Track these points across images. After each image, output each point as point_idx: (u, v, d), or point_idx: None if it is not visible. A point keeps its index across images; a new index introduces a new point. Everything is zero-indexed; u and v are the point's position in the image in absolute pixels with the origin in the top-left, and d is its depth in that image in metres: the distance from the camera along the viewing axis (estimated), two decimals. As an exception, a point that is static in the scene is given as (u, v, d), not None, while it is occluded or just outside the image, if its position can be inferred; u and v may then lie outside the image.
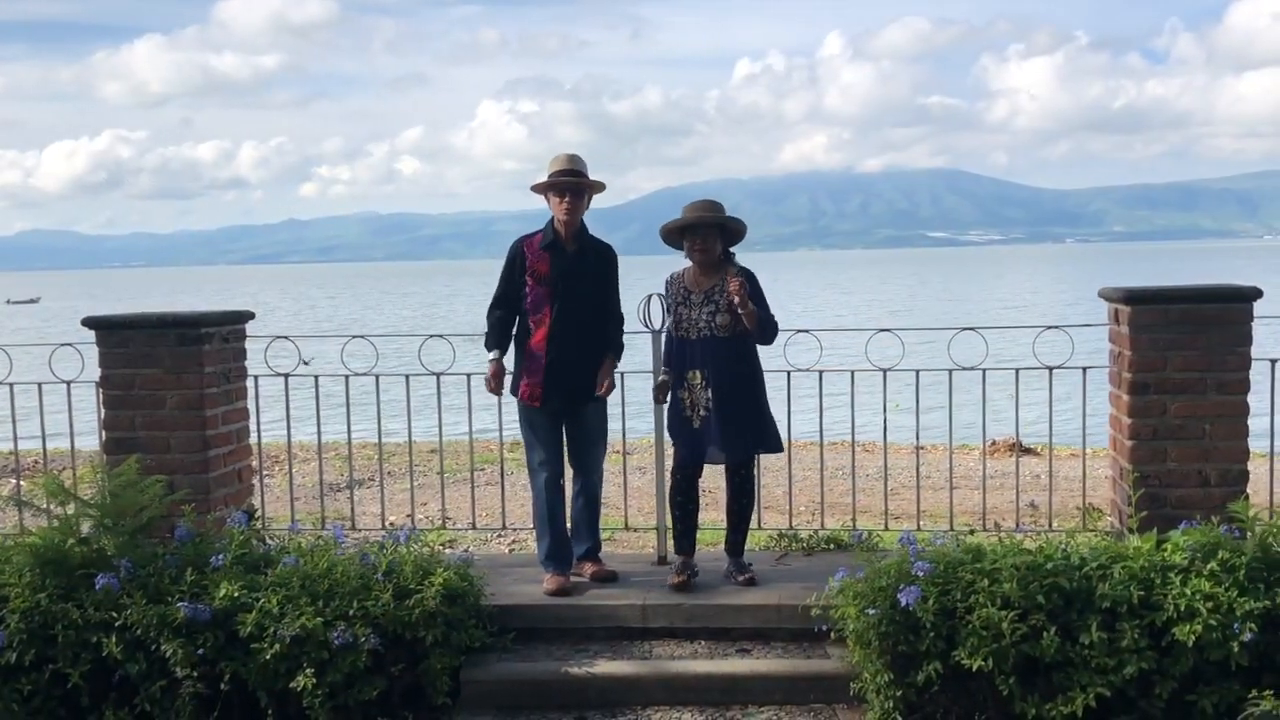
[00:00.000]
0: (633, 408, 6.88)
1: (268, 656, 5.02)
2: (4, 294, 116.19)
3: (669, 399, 6.11)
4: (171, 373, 6.13)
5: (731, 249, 6.11)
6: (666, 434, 6.26)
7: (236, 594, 5.14)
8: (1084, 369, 6.48)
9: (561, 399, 6.08)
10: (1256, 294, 5.77)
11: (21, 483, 7.12)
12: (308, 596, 5.16)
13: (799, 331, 6.63)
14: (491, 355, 6.19)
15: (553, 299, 6.03)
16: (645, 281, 6.29)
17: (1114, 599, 4.79)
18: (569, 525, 6.28)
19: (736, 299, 5.79)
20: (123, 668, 5.15)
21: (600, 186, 6.21)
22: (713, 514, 7.65)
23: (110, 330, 6.20)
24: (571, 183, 6.05)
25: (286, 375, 6.81)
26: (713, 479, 6.54)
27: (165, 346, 6.13)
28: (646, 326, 6.38)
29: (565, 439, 6.23)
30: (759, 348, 6.09)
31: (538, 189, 6.16)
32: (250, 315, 6.66)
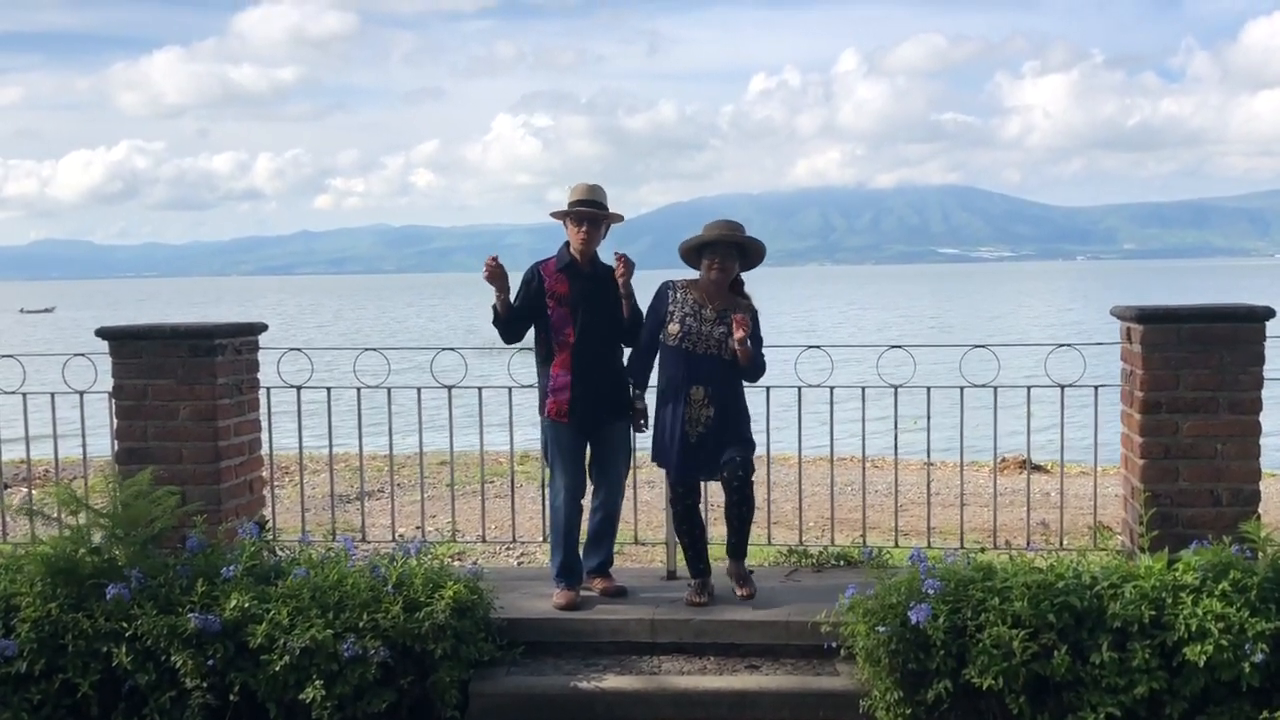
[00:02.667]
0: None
1: (277, 668, 5.03)
2: (18, 303, 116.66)
3: (654, 420, 6.10)
4: (184, 383, 6.15)
5: (742, 275, 6.09)
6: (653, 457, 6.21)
7: (247, 605, 5.15)
8: (1096, 387, 6.47)
9: (587, 415, 6.09)
10: (1269, 314, 5.76)
11: (33, 492, 7.14)
12: (318, 608, 5.17)
13: (809, 348, 6.63)
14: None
15: (574, 318, 6.06)
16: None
17: (1125, 618, 4.78)
18: (583, 539, 6.30)
19: (740, 333, 5.81)
20: (132, 678, 5.16)
21: (618, 218, 6.26)
22: (720, 528, 7.64)
23: (124, 341, 6.22)
24: (591, 213, 6.11)
25: (299, 387, 6.83)
26: (715, 494, 6.54)
27: (178, 357, 6.15)
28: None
29: (589, 454, 6.24)
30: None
31: (557, 216, 6.21)
32: (263, 327, 6.68)
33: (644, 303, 6.21)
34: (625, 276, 6.04)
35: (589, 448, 6.24)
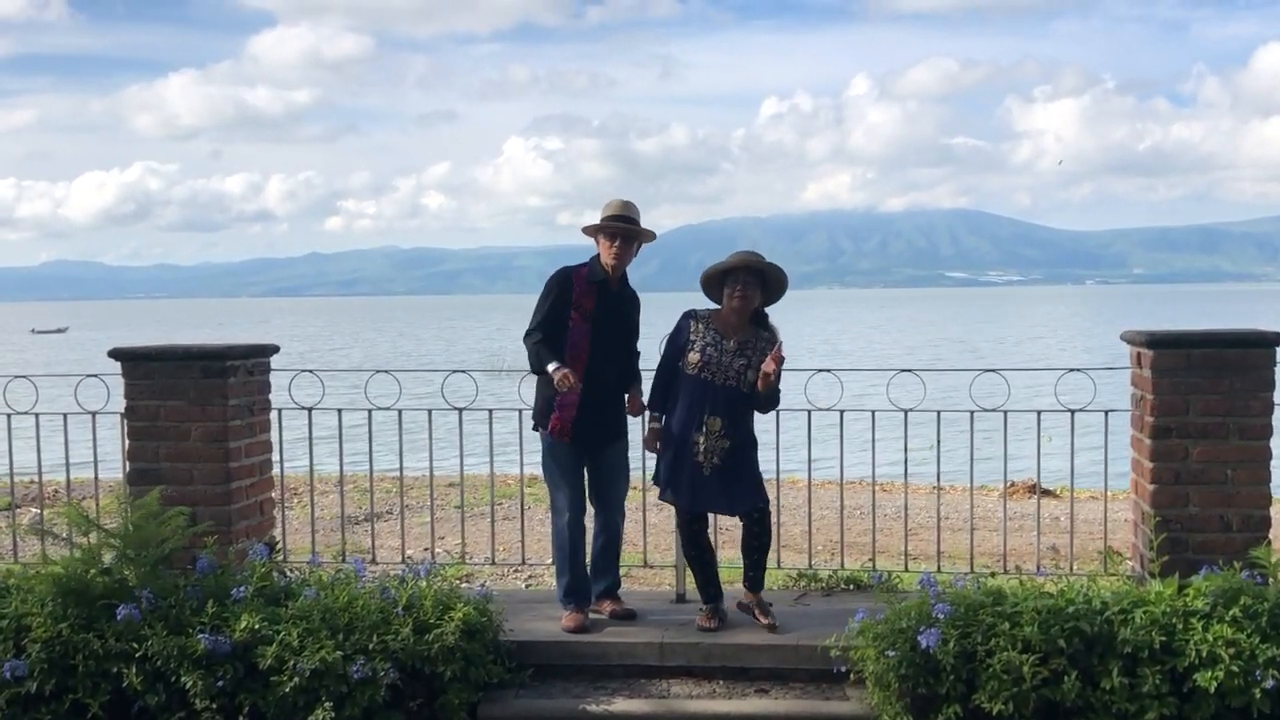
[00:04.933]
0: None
1: (287, 689, 5.04)
2: (30, 323, 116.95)
3: (663, 446, 6.04)
4: (196, 404, 6.17)
5: (766, 309, 6.06)
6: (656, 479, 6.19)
7: (257, 626, 5.16)
8: (1106, 412, 6.46)
9: (591, 435, 6.10)
10: (1279, 339, 5.76)
11: (44, 512, 7.17)
12: (328, 630, 5.18)
13: (819, 371, 6.63)
14: (552, 366, 6.00)
15: (593, 335, 6.07)
16: (665, 318, 6.31)
17: (1135, 644, 4.77)
18: (589, 562, 6.29)
19: (772, 366, 5.80)
20: (142, 699, 5.17)
21: (650, 236, 6.26)
22: (729, 551, 7.64)
23: (136, 362, 6.25)
24: (624, 229, 6.11)
25: (310, 409, 6.85)
26: (725, 519, 6.54)
27: (190, 379, 6.17)
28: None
29: (587, 476, 6.25)
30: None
31: (589, 231, 6.21)
32: (275, 348, 6.70)
33: (650, 329, 6.23)
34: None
35: (587, 470, 6.24)
